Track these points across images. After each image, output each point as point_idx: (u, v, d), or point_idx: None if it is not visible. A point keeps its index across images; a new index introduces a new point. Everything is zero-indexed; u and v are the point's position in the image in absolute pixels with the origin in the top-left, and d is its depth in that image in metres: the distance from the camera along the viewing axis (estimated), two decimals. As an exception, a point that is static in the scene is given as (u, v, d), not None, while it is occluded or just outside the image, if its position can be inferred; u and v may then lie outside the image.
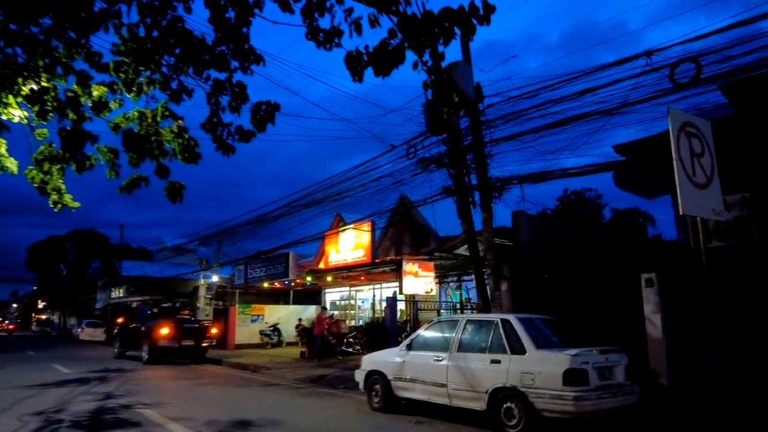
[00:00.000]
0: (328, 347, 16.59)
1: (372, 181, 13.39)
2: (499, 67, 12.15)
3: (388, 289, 21.63)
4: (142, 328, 17.33)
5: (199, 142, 5.77)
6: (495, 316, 7.16)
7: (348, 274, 17.48)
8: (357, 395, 9.24)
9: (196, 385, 11.48)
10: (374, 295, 19.76)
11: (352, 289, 23.87)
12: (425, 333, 7.88)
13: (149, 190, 5.74)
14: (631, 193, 15.58)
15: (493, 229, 10.81)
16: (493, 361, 6.54)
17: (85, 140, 5.46)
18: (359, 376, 8.57)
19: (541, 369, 6.07)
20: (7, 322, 69.95)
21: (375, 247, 16.31)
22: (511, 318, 6.82)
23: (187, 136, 5.72)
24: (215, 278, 25.69)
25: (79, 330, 32.94)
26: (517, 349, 6.42)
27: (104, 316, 37.14)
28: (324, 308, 20.05)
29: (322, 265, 19.32)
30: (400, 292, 14.25)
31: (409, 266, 14.37)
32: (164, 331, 16.24)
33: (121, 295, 35.05)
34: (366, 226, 15.75)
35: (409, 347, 7.82)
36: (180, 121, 5.82)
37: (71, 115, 5.47)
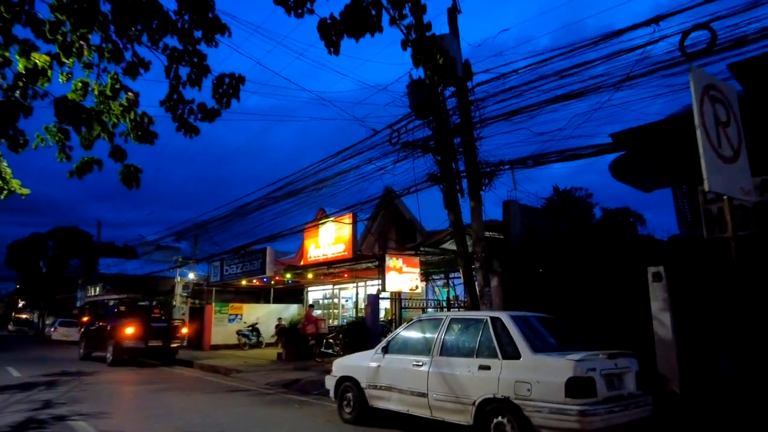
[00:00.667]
0: (306, 348, 15.52)
1: (353, 168, 12.35)
2: (489, 41, 11.09)
3: (372, 287, 20.60)
4: (108, 328, 16.14)
5: (153, 119, 5.02)
6: (484, 314, 6.13)
7: (329, 270, 16.40)
8: (330, 403, 8.16)
9: (154, 391, 10.36)
10: (357, 293, 18.68)
11: (335, 287, 22.79)
12: (404, 333, 6.85)
13: (141, 189, 4.98)
14: (628, 185, 14.74)
15: (482, 220, 9.81)
16: (482, 367, 5.52)
17: (18, 113, 4.70)
18: (329, 383, 7.52)
19: (539, 377, 5.05)
20: None
21: (357, 241, 15.27)
22: (503, 316, 5.80)
23: (140, 112, 4.96)
24: (191, 275, 24.51)
25: (52, 330, 31.49)
26: (510, 352, 5.40)
27: (81, 316, 35.72)
28: (311, 306, 18.97)
29: (302, 262, 18.24)
30: (383, 290, 13.22)
31: (392, 262, 13.34)
32: (129, 330, 15.07)
33: (97, 293, 33.66)
34: (347, 219, 14.70)
35: (386, 350, 6.77)
36: (131, 94, 4.99)
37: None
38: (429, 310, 15.29)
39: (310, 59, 16.09)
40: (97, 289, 33.99)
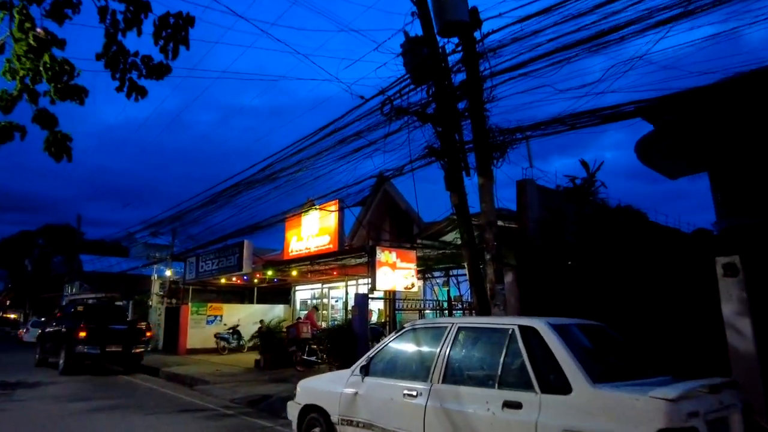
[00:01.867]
0: (286, 356, 13.59)
1: (338, 143, 10.40)
2: None
3: (364, 287, 18.65)
4: (61, 331, 14.17)
5: (75, 66, 3.98)
6: (509, 322, 4.15)
7: (312, 267, 14.45)
8: None
9: (89, 412, 8.40)
10: (347, 293, 16.73)
11: (324, 285, 20.84)
12: (392, 347, 4.89)
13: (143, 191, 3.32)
14: (653, 169, 12.83)
15: (494, 200, 7.88)
16: (509, 405, 3.58)
17: None
18: (292, 412, 5.57)
19: (605, 425, 3.11)
20: None
21: (344, 234, 13.32)
22: (539, 324, 3.84)
23: (59, 59, 3.92)
24: (168, 273, 22.55)
25: (24, 330, 29.47)
26: (554, 383, 3.46)
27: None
28: (315, 307, 16.98)
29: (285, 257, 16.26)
30: (374, 288, 11.27)
31: (384, 255, 11.40)
32: (81, 334, 13.09)
33: (74, 291, 31.64)
34: (332, 206, 12.74)
35: (366, 370, 4.82)
36: (40, 30, 3.85)
37: None
38: (427, 313, 13.33)
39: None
40: (75, 287, 31.94)
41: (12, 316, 63.17)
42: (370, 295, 11.63)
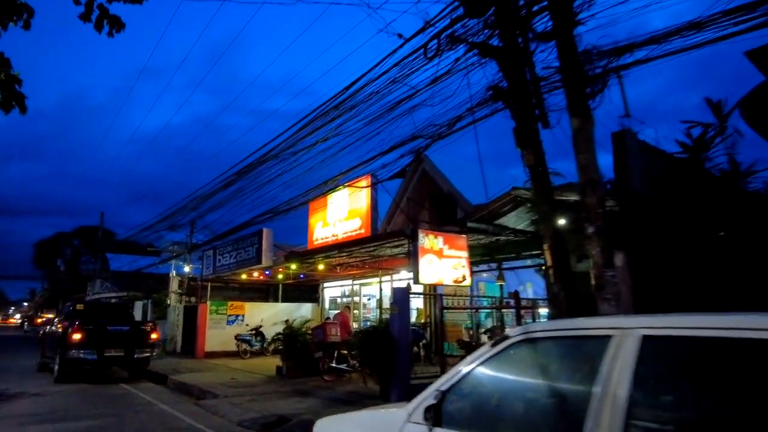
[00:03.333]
0: (311, 362, 11.52)
1: (370, 97, 8.23)
2: None
3: (403, 282, 16.43)
4: (58, 333, 12.45)
5: None
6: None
7: (340, 257, 12.32)
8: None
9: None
10: (381, 290, 14.54)
11: (355, 282, 18.72)
12: (486, 374, 2.63)
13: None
14: (758, 131, 10.24)
15: (594, 148, 5.60)
16: None
17: None
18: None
19: None
20: None
21: (383, 218, 11.15)
22: None
23: None
24: (187, 269, 20.84)
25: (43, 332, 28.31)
26: None
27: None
28: (348, 306, 14.91)
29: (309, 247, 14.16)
30: (416, 281, 9.07)
31: (428, 241, 9.20)
32: (76, 336, 11.29)
33: (96, 290, 30.45)
34: (364, 181, 10.58)
35: (436, 416, 2.56)
36: None
37: None
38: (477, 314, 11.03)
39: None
40: (96, 286, 30.75)
41: (49, 315, 63.74)
42: (411, 291, 9.42)
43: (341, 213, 11.67)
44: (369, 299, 18.62)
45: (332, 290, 20.39)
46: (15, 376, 12.99)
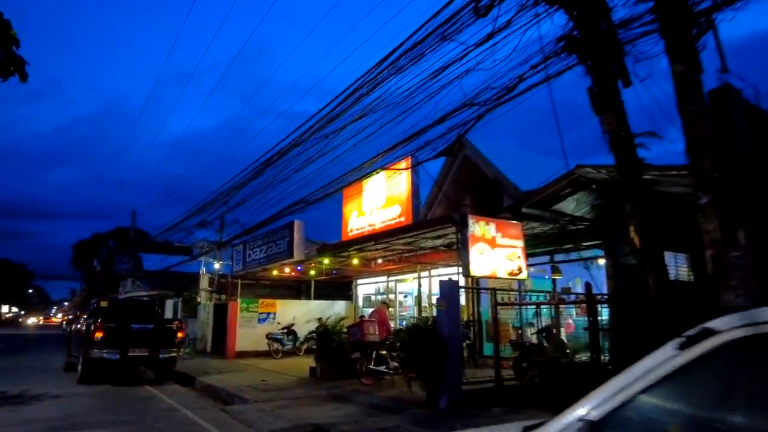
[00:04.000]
0: (347, 363, 10.57)
1: (413, 60, 7.19)
2: None
3: (444, 277, 15.34)
4: (81, 331, 11.84)
5: None
6: None
7: (376, 250, 11.30)
8: None
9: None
10: (421, 285, 13.48)
11: (390, 278, 17.72)
12: (666, 394, 1.54)
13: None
14: None
15: (705, 98, 4.45)
16: None
17: None
18: None
19: None
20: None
21: (423, 205, 10.10)
22: None
23: None
24: (217, 265, 20.20)
25: (74, 329, 28.27)
26: None
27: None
28: (385, 303, 13.95)
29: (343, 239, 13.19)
30: (466, 274, 7.99)
31: (479, 228, 8.11)
32: (98, 335, 10.60)
33: (128, 289, 30.26)
34: (403, 164, 9.56)
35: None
36: None
37: None
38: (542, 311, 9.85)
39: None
40: (127, 285, 30.56)
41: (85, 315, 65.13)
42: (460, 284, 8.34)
43: (378, 200, 10.67)
44: (405, 296, 17.60)
45: (366, 287, 19.45)
46: (40, 375, 12.46)
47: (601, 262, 11.82)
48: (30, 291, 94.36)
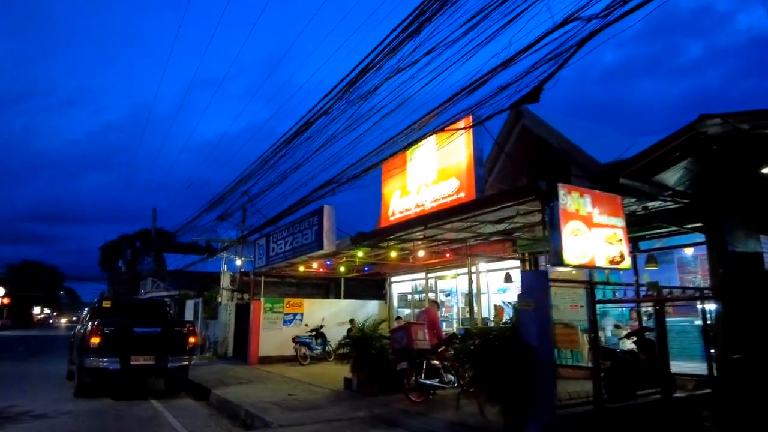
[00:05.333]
0: (389, 374, 8.66)
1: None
2: None
3: (492, 274, 13.29)
4: (79, 337, 10.18)
5: None
6: None
7: (423, 239, 9.31)
8: None
9: None
10: (470, 281, 11.45)
11: (429, 275, 15.74)
12: None
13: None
14: None
15: None
16: None
17: None
18: None
19: None
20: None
21: (482, 173, 8.08)
22: None
23: None
24: (238, 262, 18.51)
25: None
26: None
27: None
28: (435, 302, 12.06)
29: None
30: (557, 262, 5.97)
31: (572, 200, 6.10)
32: (94, 340, 8.89)
33: (148, 289, 28.91)
34: (461, 124, 7.56)
35: None
36: None
37: None
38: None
39: None
40: (148, 284, 29.22)
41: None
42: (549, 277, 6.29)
43: (428, 174, 8.67)
44: (447, 295, 15.60)
45: (401, 285, 17.50)
46: (37, 387, 10.88)
47: (689, 252, 9.71)
48: (61, 293, 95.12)
